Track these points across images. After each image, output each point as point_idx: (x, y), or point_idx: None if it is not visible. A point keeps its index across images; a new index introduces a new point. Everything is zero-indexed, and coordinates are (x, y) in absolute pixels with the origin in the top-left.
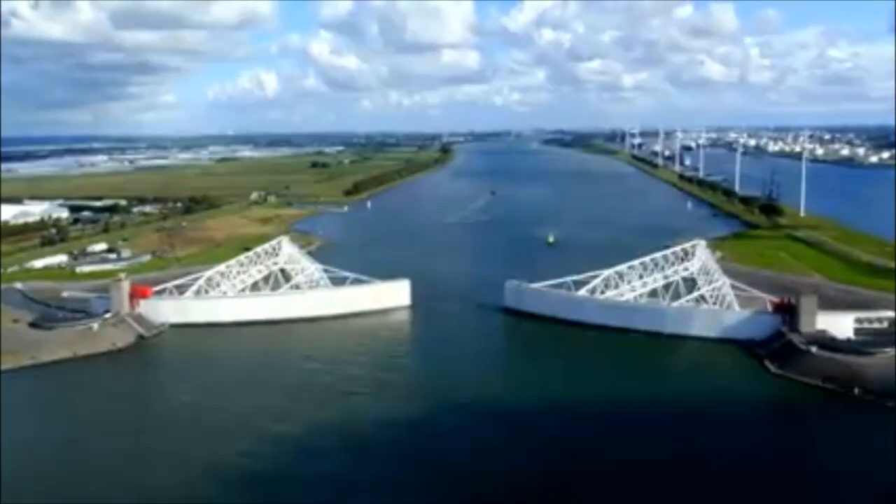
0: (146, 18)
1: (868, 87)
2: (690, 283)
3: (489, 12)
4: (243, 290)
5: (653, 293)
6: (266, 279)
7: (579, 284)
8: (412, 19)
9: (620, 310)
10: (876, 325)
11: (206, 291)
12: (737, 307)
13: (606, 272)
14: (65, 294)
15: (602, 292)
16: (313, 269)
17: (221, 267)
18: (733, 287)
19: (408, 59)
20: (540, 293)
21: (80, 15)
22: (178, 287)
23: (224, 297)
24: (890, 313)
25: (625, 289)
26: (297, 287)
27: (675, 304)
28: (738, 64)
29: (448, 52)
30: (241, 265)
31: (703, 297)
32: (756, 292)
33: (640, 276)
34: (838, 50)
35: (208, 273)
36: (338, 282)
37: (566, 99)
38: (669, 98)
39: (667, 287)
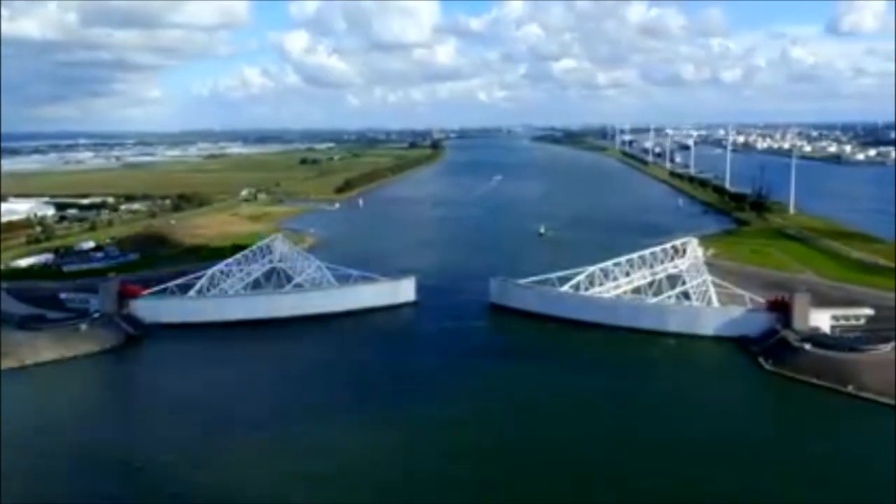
0: (118, 18)
1: (836, 86)
2: (674, 280)
3: (467, 11)
4: (245, 288)
5: (637, 290)
6: (268, 278)
7: (565, 280)
8: (389, 17)
9: (612, 307)
10: (853, 322)
11: (208, 290)
12: (716, 303)
13: (591, 268)
14: (63, 295)
15: (586, 288)
16: (314, 266)
17: (221, 265)
18: (718, 285)
19: (389, 56)
20: (524, 289)
21: (54, 13)
22: (178, 287)
23: (218, 297)
24: (866, 310)
25: (609, 285)
26: (299, 286)
27: (668, 301)
28: (711, 63)
29: (429, 50)
30: (239, 263)
31: (686, 295)
32: (737, 290)
33: (627, 273)
34: (804, 50)
35: (210, 271)
36: (341, 279)
37: (553, 96)
38: (653, 97)
39: (651, 284)
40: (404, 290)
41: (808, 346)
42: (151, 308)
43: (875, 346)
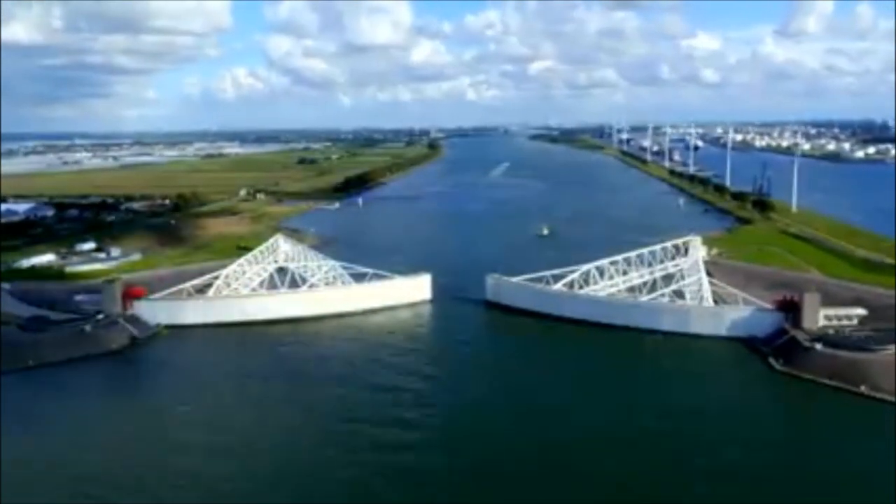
0: (104, 23)
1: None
2: (673, 279)
3: (442, 14)
4: (257, 287)
5: (631, 289)
6: (281, 278)
7: (560, 278)
8: (371, 19)
9: (612, 306)
10: (845, 322)
11: (219, 291)
12: (710, 302)
13: (586, 266)
14: (78, 297)
15: (581, 286)
16: (329, 265)
17: (234, 266)
18: (715, 284)
19: (379, 57)
20: (518, 287)
21: (41, 17)
22: (195, 287)
23: (224, 298)
24: (859, 310)
25: (604, 283)
26: (313, 285)
27: (671, 301)
28: (690, 64)
29: (416, 51)
30: (249, 263)
31: (681, 294)
32: (732, 289)
33: (625, 272)
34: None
35: (224, 272)
36: (355, 278)
37: (544, 96)
38: (642, 97)
39: (646, 283)
40: (420, 288)
41: (819, 346)
42: (155, 309)
43: (886, 346)
